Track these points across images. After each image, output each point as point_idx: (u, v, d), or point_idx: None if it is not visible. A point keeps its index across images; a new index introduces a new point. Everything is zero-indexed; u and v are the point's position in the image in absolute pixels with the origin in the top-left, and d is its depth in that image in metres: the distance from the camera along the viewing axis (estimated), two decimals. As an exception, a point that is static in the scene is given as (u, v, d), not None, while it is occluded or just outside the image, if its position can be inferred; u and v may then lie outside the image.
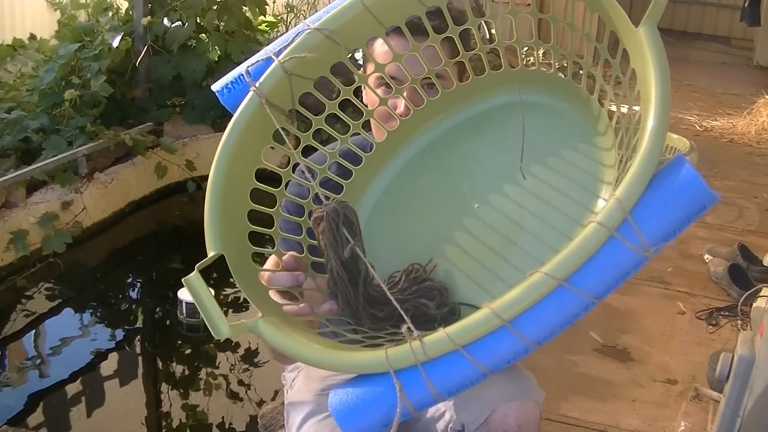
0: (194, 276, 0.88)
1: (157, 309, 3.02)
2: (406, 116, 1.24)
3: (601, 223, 0.77)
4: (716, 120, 5.28)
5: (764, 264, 2.52)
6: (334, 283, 0.98)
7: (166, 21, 3.82)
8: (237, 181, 1.02)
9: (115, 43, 3.65)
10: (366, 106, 1.29)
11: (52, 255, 3.03)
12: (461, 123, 1.21)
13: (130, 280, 3.25)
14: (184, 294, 2.77)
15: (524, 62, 1.15)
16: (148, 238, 3.55)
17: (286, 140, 1.03)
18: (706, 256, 3.11)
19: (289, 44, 1.05)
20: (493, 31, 4.87)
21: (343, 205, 0.97)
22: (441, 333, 0.80)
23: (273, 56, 1.03)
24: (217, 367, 2.60)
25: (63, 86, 3.49)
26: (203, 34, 3.87)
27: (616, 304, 2.77)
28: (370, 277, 0.98)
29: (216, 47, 3.81)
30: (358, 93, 1.23)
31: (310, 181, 1.09)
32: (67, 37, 3.76)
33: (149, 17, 3.76)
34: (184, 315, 2.77)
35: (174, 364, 2.65)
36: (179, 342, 2.77)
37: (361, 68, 1.34)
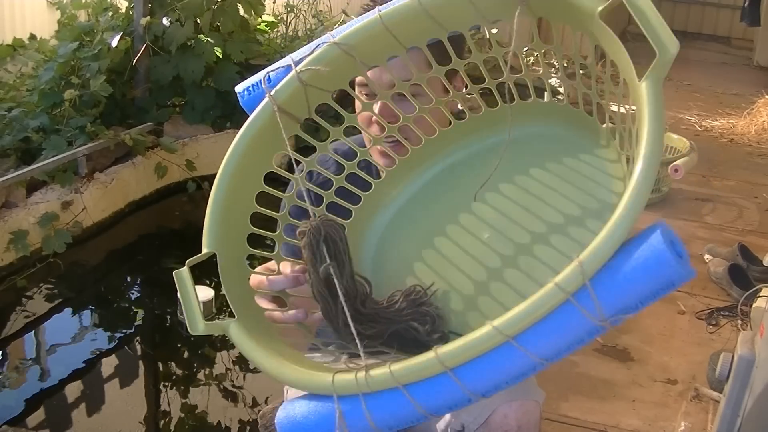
0: (184, 270, 0.92)
1: (157, 309, 3.01)
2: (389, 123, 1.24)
3: (558, 284, 0.74)
4: (716, 120, 5.28)
5: (764, 264, 2.52)
6: (315, 298, 0.99)
7: (165, 21, 3.82)
8: (244, 182, 1.03)
9: (114, 43, 3.65)
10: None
11: (52, 255, 3.03)
12: (479, 151, 1.19)
13: (130, 280, 3.25)
14: (184, 294, 2.77)
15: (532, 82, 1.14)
16: (148, 238, 3.55)
17: (290, 153, 1.03)
18: (706, 256, 3.11)
19: (309, 54, 1.05)
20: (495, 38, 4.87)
21: (327, 223, 0.98)
22: (386, 368, 0.81)
23: (292, 64, 1.03)
24: (217, 367, 2.60)
25: (63, 86, 3.49)
26: (201, 35, 3.86)
27: (616, 304, 2.76)
28: (362, 295, 0.99)
29: (215, 48, 3.80)
30: (347, 102, 1.21)
31: (300, 184, 1.09)
32: (67, 37, 3.76)
33: (148, 17, 3.76)
34: (185, 315, 2.77)
35: (173, 364, 2.65)
36: (179, 342, 2.77)
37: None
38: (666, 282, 0.75)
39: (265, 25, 4.47)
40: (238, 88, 1.12)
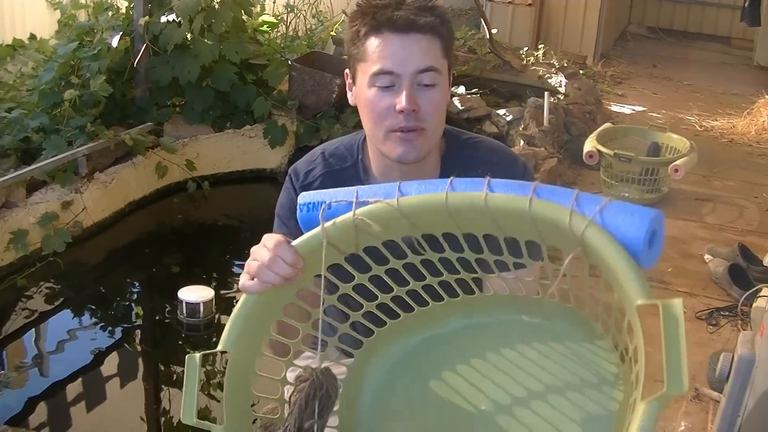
0: (196, 356, 1.00)
1: (157, 309, 3.01)
2: (405, 111, 1.25)
3: None
4: (716, 120, 5.28)
5: (764, 264, 2.52)
6: None
7: (164, 19, 3.81)
8: (275, 297, 1.07)
9: (114, 43, 3.65)
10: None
11: (52, 254, 3.03)
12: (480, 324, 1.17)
13: (130, 280, 3.25)
14: (184, 294, 2.77)
15: None
16: (148, 238, 3.54)
17: (325, 273, 1.06)
18: (706, 256, 3.11)
19: (374, 201, 1.05)
20: (493, 30, 4.85)
21: (330, 379, 1.03)
22: None
23: (354, 204, 1.04)
24: (217, 367, 2.60)
25: (63, 86, 3.49)
26: (198, 36, 3.85)
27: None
28: None
29: (210, 49, 3.79)
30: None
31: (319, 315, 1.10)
32: (67, 37, 3.76)
33: (147, 17, 3.75)
34: (184, 315, 2.77)
35: (173, 363, 2.65)
36: (179, 342, 2.77)
37: (353, 65, 1.33)
38: None
39: (267, 27, 4.47)
40: (300, 200, 1.13)
